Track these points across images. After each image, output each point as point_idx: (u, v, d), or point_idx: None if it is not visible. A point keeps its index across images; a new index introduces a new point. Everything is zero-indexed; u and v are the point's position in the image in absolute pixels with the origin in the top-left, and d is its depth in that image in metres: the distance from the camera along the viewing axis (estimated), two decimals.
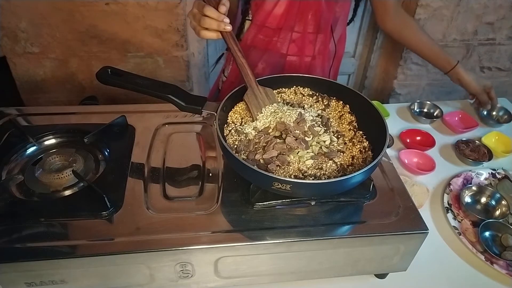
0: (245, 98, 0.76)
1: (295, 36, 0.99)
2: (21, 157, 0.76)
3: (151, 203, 0.67)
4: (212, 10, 0.68)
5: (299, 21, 0.96)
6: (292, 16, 0.95)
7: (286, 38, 0.99)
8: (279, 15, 0.95)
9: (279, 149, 0.69)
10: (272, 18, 0.96)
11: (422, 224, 0.67)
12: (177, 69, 1.44)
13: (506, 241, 0.83)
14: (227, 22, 0.69)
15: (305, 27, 0.97)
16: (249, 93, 0.76)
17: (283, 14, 0.95)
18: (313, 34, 0.99)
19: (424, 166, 1.02)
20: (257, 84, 0.77)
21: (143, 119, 0.86)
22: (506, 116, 1.22)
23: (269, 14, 0.95)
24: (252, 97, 0.76)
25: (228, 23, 0.69)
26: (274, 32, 0.98)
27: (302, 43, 1.00)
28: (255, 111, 0.76)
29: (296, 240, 0.63)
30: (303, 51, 1.02)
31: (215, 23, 0.68)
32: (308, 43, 1.01)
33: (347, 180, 0.62)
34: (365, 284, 0.76)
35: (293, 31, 0.98)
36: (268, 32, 0.99)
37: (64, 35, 1.30)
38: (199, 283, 0.67)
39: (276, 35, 0.99)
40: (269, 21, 0.96)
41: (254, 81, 0.76)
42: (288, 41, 0.99)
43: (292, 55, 1.02)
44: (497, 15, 1.46)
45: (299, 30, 0.98)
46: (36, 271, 0.59)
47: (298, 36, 0.99)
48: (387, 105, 1.26)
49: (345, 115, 0.82)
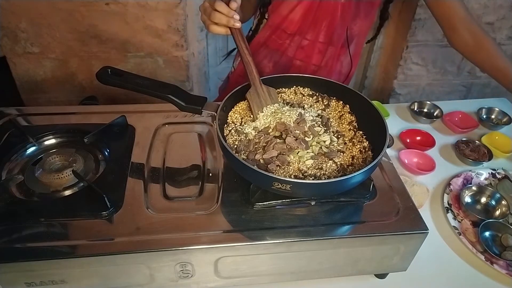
0: (248, 96, 0.76)
1: (304, 42, 0.99)
2: (21, 157, 0.76)
3: (151, 203, 0.67)
4: (223, 5, 0.68)
5: (312, 29, 0.97)
6: (307, 22, 0.95)
7: (296, 43, 0.99)
8: (295, 20, 0.95)
9: (279, 149, 0.69)
10: (288, 22, 0.96)
11: (422, 224, 0.67)
12: (177, 69, 1.44)
13: (506, 241, 0.83)
14: (237, 19, 0.69)
15: (317, 35, 0.97)
16: (251, 91, 0.76)
17: (299, 20, 0.95)
18: (323, 44, 0.99)
19: (424, 166, 1.02)
20: (261, 83, 0.77)
21: (143, 119, 0.86)
22: (505, 118, 1.22)
23: (285, 18, 0.95)
24: (255, 95, 0.76)
25: (238, 20, 0.69)
26: (288, 36, 0.99)
27: (311, 51, 1.00)
28: (256, 110, 0.76)
29: (296, 240, 0.63)
30: (310, 58, 1.02)
31: (225, 18, 0.69)
32: (318, 52, 1.01)
33: (347, 180, 0.62)
34: (365, 284, 0.76)
35: (304, 38, 0.98)
36: (282, 35, 0.99)
37: (64, 35, 1.30)
38: (199, 283, 0.67)
39: (289, 38, 0.99)
40: (284, 24, 0.97)
41: (258, 80, 0.77)
42: (297, 46, 1.00)
43: (299, 59, 1.02)
44: (497, 15, 1.46)
45: (311, 38, 0.98)
46: (36, 271, 0.59)
47: (307, 43, 0.99)
48: (387, 105, 1.26)
49: (345, 115, 0.82)
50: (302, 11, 0.94)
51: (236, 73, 1.13)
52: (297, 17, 0.95)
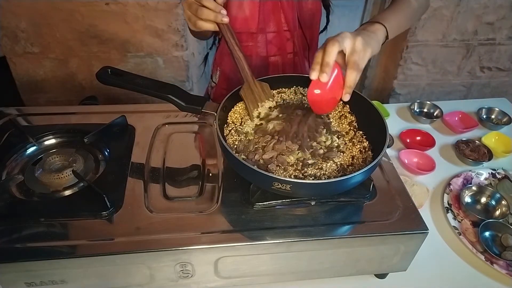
0: (242, 93, 0.76)
1: (270, 36, 0.97)
2: (21, 157, 0.76)
3: (151, 203, 0.67)
4: (210, 0, 0.66)
5: (270, 21, 0.94)
6: (261, 18, 0.92)
7: (263, 41, 0.97)
8: (246, 18, 0.92)
9: (278, 150, 0.69)
10: (237, 23, 0.92)
11: (422, 224, 0.67)
12: (177, 69, 1.44)
13: (506, 241, 0.83)
14: (224, 13, 0.68)
15: (278, 26, 0.95)
16: (245, 88, 0.76)
17: (253, 18, 0.92)
18: (289, 32, 0.97)
19: (424, 166, 1.02)
20: (253, 79, 0.76)
21: (143, 119, 0.86)
22: (505, 118, 1.22)
23: (235, 19, 0.91)
24: (249, 92, 0.76)
25: (226, 15, 0.68)
26: (247, 36, 0.95)
27: (280, 42, 0.98)
28: (252, 107, 0.76)
29: (296, 240, 0.63)
30: (283, 49, 0.99)
31: (213, 14, 0.67)
32: (286, 41, 0.99)
33: (347, 180, 0.62)
34: (365, 284, 0.76)
35: (267, 32, 0.96)
36: (241, 37, 0.95)
37: (64, 35, 1.30)
38: (199, 283, 0.67)
39: (250, 39, 0.96)
40: (236, 26, 0.92)
41: (251, 75, 0.75)
42: (265, 43, 0.97)
43: (273, 55, 1.00)
44: (497, 15, 1.46)
45: (274, 30, 0.96)
46: (36, 271, 0.59)
47: (274, 36, 0.97)
48: (387, 105, 1.26)
49: (345, 115, 0.81)
50: (249, 7, 0.90)
51: (219, 86, 1.06)
52: (245, 15, 0.91)
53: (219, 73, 1.05)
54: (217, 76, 1.06)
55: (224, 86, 1.06)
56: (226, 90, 1.04)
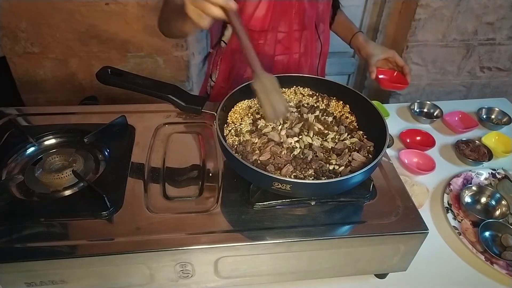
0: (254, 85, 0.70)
1: (280, 36, 0.97)
2: (21, 157, 0.76)
3: (151, 203, 0.67)
4: None
5: (283, 20, 0.95)
6: (275, 16, 0.93)
7: (272, 40, 0.97)
8: (261, 17, 0.93)
9: (275, 152, 0.69)
10: (254, 20, 0.93)
11: (422, 224, 0.67)
12: (177, 69, 1.44)
13: (506, 241, 0.83)
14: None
15: (290, 25, 0.96)
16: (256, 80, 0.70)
17: (266, 16, 0.93)
18: (298, 32, 0.98)
19: (424, 166, 1.02)
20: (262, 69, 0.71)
21: (143, 119, 0.86)
22: (505, 118, 1.22)
23: (251, 17, 0.93)
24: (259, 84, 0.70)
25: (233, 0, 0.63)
26: (259, 34, 0.96)
27: (289, 42, 0.99)
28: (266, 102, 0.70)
29: (296, 240, 0.63)
30: (290, 49, 1.00)
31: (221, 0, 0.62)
32: (294, 41, 0.99)
33: (347, 180, 0.62)
34: (365, 284, 0.76)
35: (278, 31, 0.96)
36: (252, 35, 0.96)
37: (64, 35, 1.30)
38: (199, 283, 0.67)
39: (261, 37, 0.96)
40: (252, 23, 0.93)
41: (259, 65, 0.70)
42: (275, 42, 0.98)
43: (279, 54, 1.00)
44: (497, 15, 1.46)
45: (284, 30, 0.97)
46: (36, 271, 0.59)
47: (284, 36, 0.98)
48: (387, 105, 1.26)
49: (345, 115, 0.82)
50: (267, 5, 0.91)
51: (217, 85, 1.06)
52: (263, 13, 0.92)
53: (218, 72, 1.05)
54: (216, 75, 1.06)
55: (223, 85, 1.06)
56: (225, 89, 1.04)
